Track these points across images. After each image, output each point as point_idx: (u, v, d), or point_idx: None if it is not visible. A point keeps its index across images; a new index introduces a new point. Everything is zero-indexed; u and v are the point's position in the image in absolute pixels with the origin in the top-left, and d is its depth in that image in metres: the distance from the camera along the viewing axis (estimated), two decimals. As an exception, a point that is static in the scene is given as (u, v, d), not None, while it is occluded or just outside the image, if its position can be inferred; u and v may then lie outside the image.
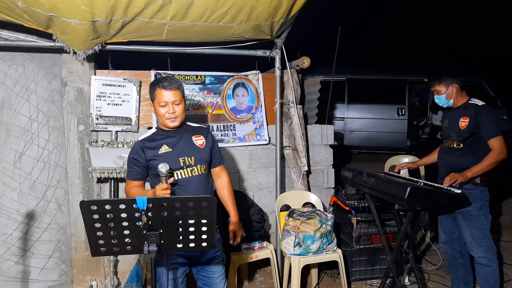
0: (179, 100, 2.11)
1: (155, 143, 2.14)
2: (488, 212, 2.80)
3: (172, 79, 2.13)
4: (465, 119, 2.80)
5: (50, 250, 3.44)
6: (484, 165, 2.72)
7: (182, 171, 2.12)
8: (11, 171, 3.32)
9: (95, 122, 3.29)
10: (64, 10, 2.54)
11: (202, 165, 2.17)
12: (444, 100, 2.91)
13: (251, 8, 2.83)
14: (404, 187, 2.55)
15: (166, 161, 2.07)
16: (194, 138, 2.21)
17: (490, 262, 2.78)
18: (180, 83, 2.16)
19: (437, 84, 2.89)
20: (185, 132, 2.22)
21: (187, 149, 2.16)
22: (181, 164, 2.12)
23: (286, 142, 3.84)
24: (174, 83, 2.11)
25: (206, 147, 2.22)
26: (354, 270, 3.52)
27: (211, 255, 2.20)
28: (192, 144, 2.19)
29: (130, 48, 3.25)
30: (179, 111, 2.12)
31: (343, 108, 8.08)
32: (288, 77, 3.76)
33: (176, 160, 2.12)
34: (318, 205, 3.49)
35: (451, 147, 2.90)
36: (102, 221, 1.62)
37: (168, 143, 2.15)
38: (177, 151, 2.14)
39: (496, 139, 2.72)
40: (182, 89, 2.15)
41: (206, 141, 2.23)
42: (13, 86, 3.30)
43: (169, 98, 2.08)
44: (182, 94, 2.14)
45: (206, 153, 2.21)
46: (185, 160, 2.13)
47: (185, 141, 2.18)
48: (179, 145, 2.16)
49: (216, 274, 2.23)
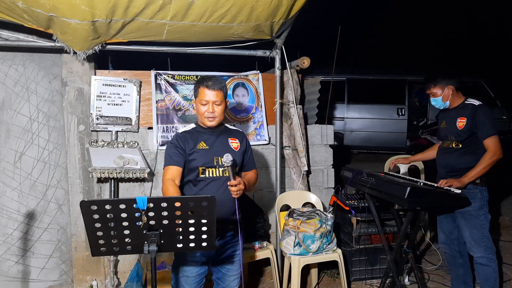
0: (220, 101, 2.16)
1: (194, 137, 2.20)
2: (487, 212, 2.80)
3: (217, 80, 2.18)
4: (463, 119, 2.81)
5: (50, 250, 3.44)
6: (480, 169, 2.72)
7: (214, 169, 2.18)
8: (11, 171, 3.32)
9: (95, 122, 3.29)
10: (64, 10, 2.54)
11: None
12: (440, 102, 2.91)
13: (251, 8, 2.84)
14: (404, 187, 2.55)
15: (202, 157, 2.16)
16: (230, 141, 2.27)
17: (490, 262, 2.78)
18: (224, 84, 2.21)
19: (433, 86, 2.89)
20: (222, 133, 2.27)
21: (222, 150, 2.19)
22: (215, 163, 2.17)
23: (286, 142, 3.84)
24: (218, 83, 2.16)
25: (240, 150, 2.27)
26: (354, 270, 3.52)
27: (229, 253, 2.26)
28: (227, 146, 2.24)
29: (130, 48, 3.25)
30: (219, 111, 2.17)
31: (343, 108, 8.08)
32: (288, 77, 3.76)
33: (211, 158, 2.17)
34: (318, 205, 3.49)
35: (450, 147, 2.91)
36: (102, 221, 1.62)
37: (206, 140, 2.20)
38: (213, 149, 2.19)
39: (491, 139, 2.73)
40: (225, 91, 2.19)
41: (240, 145, 2.29)
42: (13, 86, 3.30)
43: (211, 97, 2.14)
44: (224, 96, 2.19)
45: (239, 156, 2.26)
46: (219, 160, 2.18)
47: (222, 141, 2.24)
48: (216, 144, 2.21)
49: (231, 272, 2.29)
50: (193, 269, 2.19)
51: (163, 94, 3.51)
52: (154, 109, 3.48)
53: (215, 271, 2.32)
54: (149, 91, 3.50)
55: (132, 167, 3.12)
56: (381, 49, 12.65)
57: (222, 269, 2.29)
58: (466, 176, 2.75)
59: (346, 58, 6.63)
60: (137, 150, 3.34)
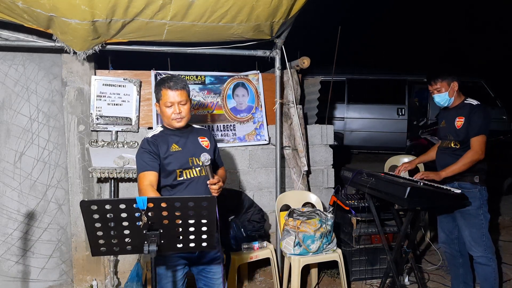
0: (185, 100, 2.10)
1: (165, 140, 2.15)
2: (487, 211, 2.80)
3: (177, 79, 2.12)
4: (461, 119, 2.82)
5: (50, 250, 3.44)
6: (459, 165, 2.75)
7: (191, 170, 2.15)
8: (11, 171, 3.32)
9: (95, 122, 3.29)
10: (64, 10, 2.54)
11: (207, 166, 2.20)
12: (446, 98, 2.89)
13: (251, 8, 2.83)
14: (404, 187, 2.55)
15: (177, 160, 2.11)
16: (200, 139, 2.24)
17: (489, 261, 2.78)
18: (186, 82, 2.15)
19: (439, 81, 2.86)
20: (191, 133, 2.24)
21: (194, 150, 2.17)
22: (190, 164, 2.14)
23: (286, 142, 3.84)
24: (179, 83, 2.10)
25: (210, 148, 2.25)
26: (354, 270, 3.52)
27: (211, 256, 2.19)
28: (198, 145, 2.21)
29: (130, 48, 3.25)
30: (185, 111, 2.12)
31: (343, 108, 8.08)
32: (288, 77, 3.76)
33: (186, 160, 2.13)
34: (318, 205, 3.49)
35: (449, 147, 2.91)
36: (102, 221, 1.62)
37: (177, 142, 2.16)
38: (186, 151, 2.16)
39: (477, 138, 2.74)
40: (188, 89, 2.14)
41: (210, 143, 2.27)
42: (13, 86, 3.30)
43: (175, 98, 2.08)
44: (188, 94, 2.14)
45: (211, 154, 2.22)
46: (193, 160, 2.15)
47: (192, 141, 2.20)
48: (188, 145, 2.17)
49: (216, 275, 2.23)
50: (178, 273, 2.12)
51: (163, 94, 3.51)
52: (154, 109, 3.48)
53: (200, 279, 2.23)
54: (149, 91, 3.50)
55: (132, 167, 3.13)
56: (381, 49, 12.65)
57: (208, 273, 2.21)
58: (444, 170, 2.80)
59: (346, 58, 6.63)
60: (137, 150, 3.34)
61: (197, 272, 2.24)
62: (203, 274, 2.23)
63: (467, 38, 12.63)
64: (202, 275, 2.23)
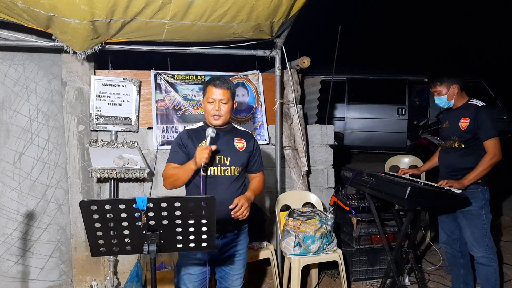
0: (226, 99, 2.17)
1: (199, 135, 2.22)
2: (488, 211, 2.80)
3: (225, 80, 2.21)
4: (466, 120, 2.80)
5: (50, 250, 3.44)
6: (479, 170, 2.73)
7: (215, 168, 2.19)
8: (11, 171, 3.32)
9: (95, 122, 3.29)
10: (64, 10, 2.53)
11: (236, 167, 2.23)
12: (445, 101, 2.90)
13: (251, 8, 2.83)
14: (404, 187, 2.55)
15: None
16: (236, 140, 2.27)
17: (490, 262, 2.78)
18: (232, 84, 2.23)
19: (438, 85, 2.88)
20: (228, 133, 2.28)
21: (225, 149, 2.21)
22: (216, 161, 2.19)
23: (286, 142, 3.84)
24: (225, 83, 2.19)
25: (245, 151, 2.28)
26: (354, 270, 3.52)
27: (231, 252, 2.26)
28: (231, 146, 2.25)
29: (130, 48, 3.25)
30: (224, 110, 2.17)
31: (343, 108, 8.08)
32: (288, 77, 3.76)
33: (213, 157, 2.17)
34: (318, 205, 3.49)
35: (453, 147, 2.90)
36: (102, 221, 1.62)
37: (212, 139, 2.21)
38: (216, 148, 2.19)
39: (491, 141, 2.73)
40: (232, 91, 2.21)
41: (246, 146, 2.28)
42: (13, 86, 3.30)
43: (217, 96, 2.16)
44: (232, 96, 2.20)
45: (244, 157, 2.27)
46: (221, 159, 2.20)
47: (226, 141, 2.24)
48: (219, 143, 2.20)
49: (233, 271, 2.29)
50: (195, 268, 2.20)
51: (163, 94, 3.51)
52: (154, 109, 3.47)
53: (218, 270, 2.33)
54: (148, 91, 3.49)
55: (132, 167, 3.12)
56: (381, 49, 12.64)
57: (225, 268, 2.29)
58: (466, 178, 2.75)
59: (346, 58, 6.63)
60: (136, 150, 3.34)
61: (217, 264, 2.31)
62: (222, 266, 2.30)
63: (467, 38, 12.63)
64: (221, 268, 2.31)
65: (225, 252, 2.25)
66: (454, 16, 12.67)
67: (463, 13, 12.36)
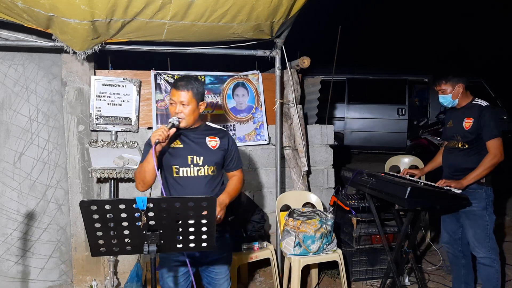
0: (187, 101, 2.11)
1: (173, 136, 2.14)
2: (492, 212, 2.78)
3: (187, 81, 2.13)
4: (470, 120, 2.79)
5: (50, 250, 3.44)
6: (480, 171, 2.72)
7: (188, 169, 2.15)
8: (11, 171, 3.32)
9: (95, 122, 3.29)
10: (64, 10, 2.53)
11: (210, 167, 2.18)
12: (449, 99, 2.88)
13: (251, 8, 2.83)
14: (404, 187, 2.55)
15: (176, 156, 2.15)
16: (208, 139, 2.22)
17: (493, 262, 2.77)
18: (197, 85, 2.15)
19: (444, 83, 2.86)
20: (201, 132, 2.23)
21: (197, 149, 2.17)
22: (189, 162, 2.15)
23: (286, 142, 3.83)
24: (188, 84, 2.12)
25: (219, 149, 2.22)
26: (354, 270, 3.52)
27: (214, 256, 2.21)
28: (204, 145, 2.20)
29: (130, 48, 3.24)
30: (186, 112, 2.11)
31: (343, 108, 8.08)
32: (288, 77, 3.76)
33: (185, 158, 2.15)
34: (318, 205, 3.49)
35: (456, 147, 2.88)
36: (102, 221, 1.61)
37: (181, 138, 2.19)
38: (187, 148, 2.17)
39: (493, 141, 2.71)
40: (195, 91, 2.13)
41: (220, 143, 2.23)
42: (13, 86, 3.30)
43: (177, 97, 2.11)
44: (195, 96, 2.13)
45: (217, 155, 2.21)
46: (194, 159, 2.16)
47: (199, 140, 2.20)
48: (192, 143, 2.18)
49: (219, 275, 2.26)
50: (178, 269, 2.17)
51: (163, 94, 3.51)
52: (154, 109, 3.47)
53: (204, 276, 2.29)
54: (149, 91, 3.49)
55: (132, 167, 3.12)
56: (381, 49, 12.64)
57: (210, 274, 2.25)
58: (466, 178, 2.75)
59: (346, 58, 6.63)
60: (137, 150, 3.34)
61: (202, 269, 2.28)
62: (207, 273, 2.27)
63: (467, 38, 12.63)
64: (206, 274, 2.27)
65: (207, 255, 2.20)
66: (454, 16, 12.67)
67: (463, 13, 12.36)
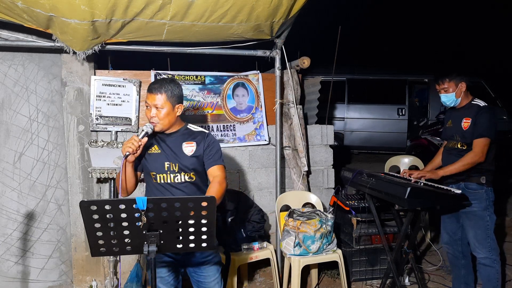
0: (161, 104, 2.03)
1: (149, 142, 2.09)
2: (493, 212, 2.78)
3: (162, 83, 2.05)
4: (468, 120, 2.79)
5: (49, 251, 3.44)
6: (458, 165, 2.74)
7: (165, 175, 2.09)
8: (11, 171, 3.32)
9: (95, 122, 3.29)
10: (64, 10, 2.53)
11: (186, 173, 2.09)
12: (452, 98, 2.86)
13: (251, 8, 2.83)
14: (404, 187, 2.55)
15: (153, 162, 2.10)
16: (185, 145, 2.11)
17: (493, 263, 2.76)
18: (169, 88, 2.05)
19: (447, 81, 2.84)
20: (179, 137, 2.14)
21: (173, 155, 2.09)
22: (165, 168, 2.08)
23: (286, 142, 3.83)
24: (161, 87, 2.03)
25: (194, 155, 2.11)
26: (354, 271, 3.52)
27: (198, 259, 2.15)
28: (179, 151, 2.10)
29: (130, 48, 3.24)
30: (161, 116, 2.04)
31: (343, 108, 8.08)
32: (288, 77, 3.76)
33: (162, 164, 2.09)
34: (318, 206, 3.49)
35: (456, 148, 2.88)
36: (102, 221, 1.61)
37: (159, 143, 2.13)
38: (164, 154, 2.10)
39: (479, 140, 2.71)
40: (169, 94, 2.04)
41: (197, 149, 2.11)
42: (12, 86, 3.30)
43: (152, 101, 2.04)
44: (170, 99, 2.04)
45: (193, 162, 2.10)
46: (170, 165, 2.08)
47: (175, 146, 2.11)
48: (168, 149, 2.11)
49: (208, 278, 2.18)
50: (164, 270, 2.12)
51: (163, 94, 3.50)
52: (154, 109, 3.47)
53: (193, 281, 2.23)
54: (149, 91, 3.49)
55: (132, 167, 3.12)
56: (381, 49, 12.64)
57: (200, 276, 2.19)
58: (443, 169, 2.79)
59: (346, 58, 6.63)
60: (137, 150, 3.34)
61: (190, 272, 2.23)
62: (195, 275, 2.21)
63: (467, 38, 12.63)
64: (195, 277, 2.21)
65: (191, 258, 2.15)
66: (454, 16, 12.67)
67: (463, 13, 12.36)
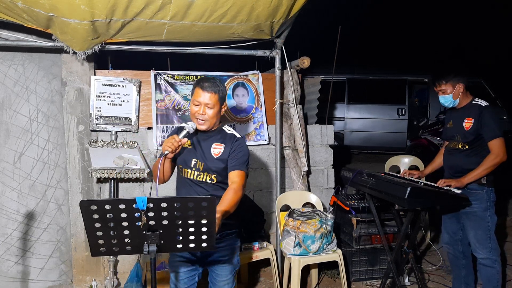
0: (212, 104, 2.06)
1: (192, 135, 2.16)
2: (493, 213, 2.77)
3: (215, 82, 2.10)
4: (470, 120, 2.78)
5: (49, 250, 3.43)
6: (481, 170, 2.71)
7: (190, 171, 2.15)
8: (11, 171, 3.32)
9: (94, 122, 3.29)
10: (64, 10, 2.53)
11: (209, 174, 2.13)
12: (450, 100, 2.86)
13: (251, 8, 2.83)
14: (404, 187, 2.55)
15: (183, 156, 2.15)
16: (214, 146, 2.15)
17: (493, 263, 2.76)
18: (222, 88, 2.11)
19: (444, 83, 2.83)
20: (212, 137, 2.17)
21: (202, 154, 2.14)
22: (192, 165, 2.14)
23: (286, 142, 3.83)
24: (214, 86, 2.07)
25: (219, 158, 2.14)
26: (354, 271, 3.52)
27: (214, 257, 2.19)
28: (208, 151, 2.15)
29: (130, 48, 3.25)
30: (210, 115, 2.08)
31: (343, 108, 8.08)
32: (288, 77, 3.76)
33: (190, 160, 2.14)
34: (318, 205, 3.49)
35: (457, 148, 2.88)
36: (102, 221, 1.61)
37: (193, 139, 2.17)
38: (195, 151, 2.15)
39: (495, 141, 2.70)
40: (221, 95, 2.09)
41: (224, 151, 2.14)
42: (12, 86, 3.30)
43: (203, 99, 2.06)
44: (220, 100, 2.10)
45: (218, 164, 2.12)
46: (197, 163, 2.13)
47: (206, 145, 2.16)
48: (199, 147, 2.16)
49: (220, 277, 2.22)
50: (182, 267, 2.19)
51: (162, 94, 3.51)
52: (154, 109, 3.47)
53: (209, 274, 2.29)
54: (148, 91, 3.49)
55: (132, 167, 3.12)
56: (381, 49, 12.64)
57: (213, 273, 2.25)
58: (466, 176, 2.73)
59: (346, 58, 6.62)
60: (136, 150, 3.34)
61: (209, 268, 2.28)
62: (211, 272, 2.27)
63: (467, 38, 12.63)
64: (211, 273, 2.27)
65: (208, 256, 2.18)
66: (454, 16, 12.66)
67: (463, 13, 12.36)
